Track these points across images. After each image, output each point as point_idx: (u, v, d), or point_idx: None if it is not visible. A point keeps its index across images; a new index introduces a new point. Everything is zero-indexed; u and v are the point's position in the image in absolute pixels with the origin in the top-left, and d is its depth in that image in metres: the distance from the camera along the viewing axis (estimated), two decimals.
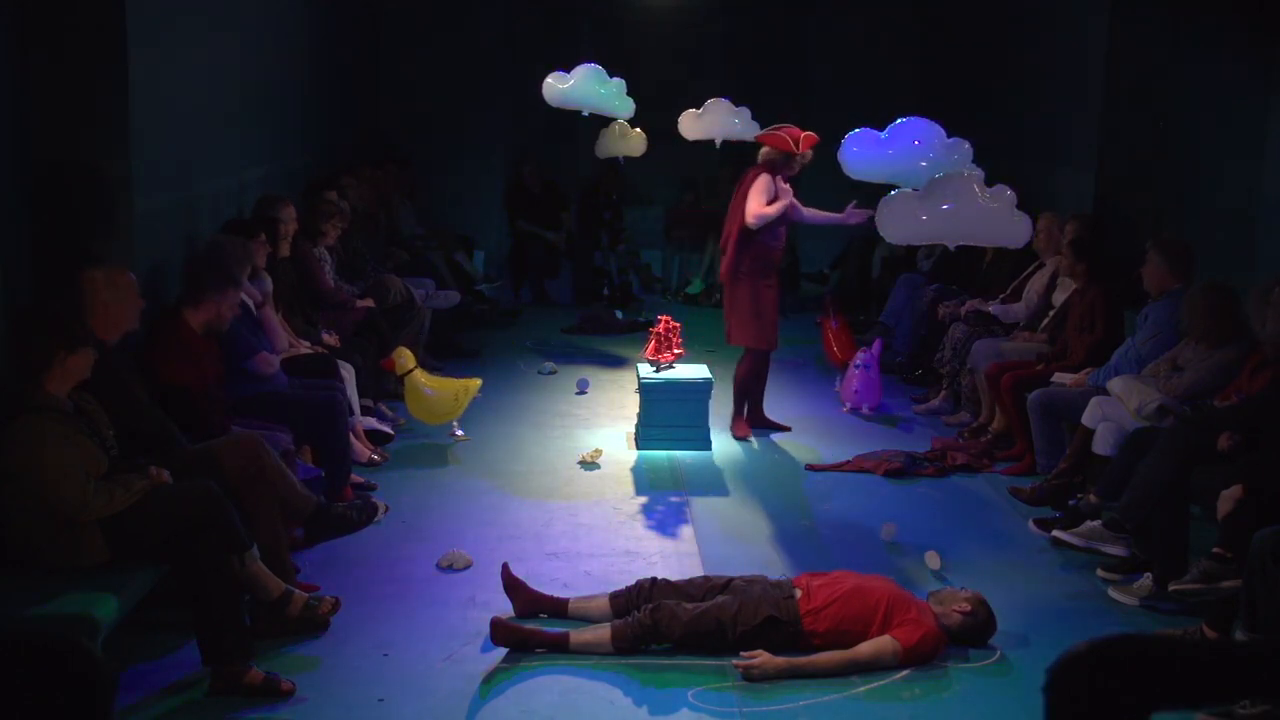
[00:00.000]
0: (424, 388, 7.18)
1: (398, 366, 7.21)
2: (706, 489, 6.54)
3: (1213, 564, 4.66)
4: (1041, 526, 5.87)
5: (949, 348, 8.03)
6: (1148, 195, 7.65)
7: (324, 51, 9.79)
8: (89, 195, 5.26)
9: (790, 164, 7.12)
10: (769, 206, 7.01)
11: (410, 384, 7.18)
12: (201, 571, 4.21)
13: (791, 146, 7.03)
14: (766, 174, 7.07)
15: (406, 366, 7.19)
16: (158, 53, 5.88)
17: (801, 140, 7.08)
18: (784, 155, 7.07)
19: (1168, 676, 1.55)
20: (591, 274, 11.88)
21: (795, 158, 7.08)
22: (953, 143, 5.79)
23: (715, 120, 9.31)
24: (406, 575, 5.27)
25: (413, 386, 7.18)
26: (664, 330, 7.34)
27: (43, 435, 4.12)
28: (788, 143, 7.04)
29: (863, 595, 4.62)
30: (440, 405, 7.19)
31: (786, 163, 7.10)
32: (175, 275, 5.94)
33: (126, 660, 4.35)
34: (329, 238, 7.78)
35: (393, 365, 7.24)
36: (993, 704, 4.33)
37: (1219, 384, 5.62)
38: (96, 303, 4.68)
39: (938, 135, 5.82)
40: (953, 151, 5.75)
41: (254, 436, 5.02)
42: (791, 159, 7.09)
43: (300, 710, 4.15)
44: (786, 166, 7.12)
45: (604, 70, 8.60)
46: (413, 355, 7.33)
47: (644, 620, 4.52)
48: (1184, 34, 7.33)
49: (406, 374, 7.17)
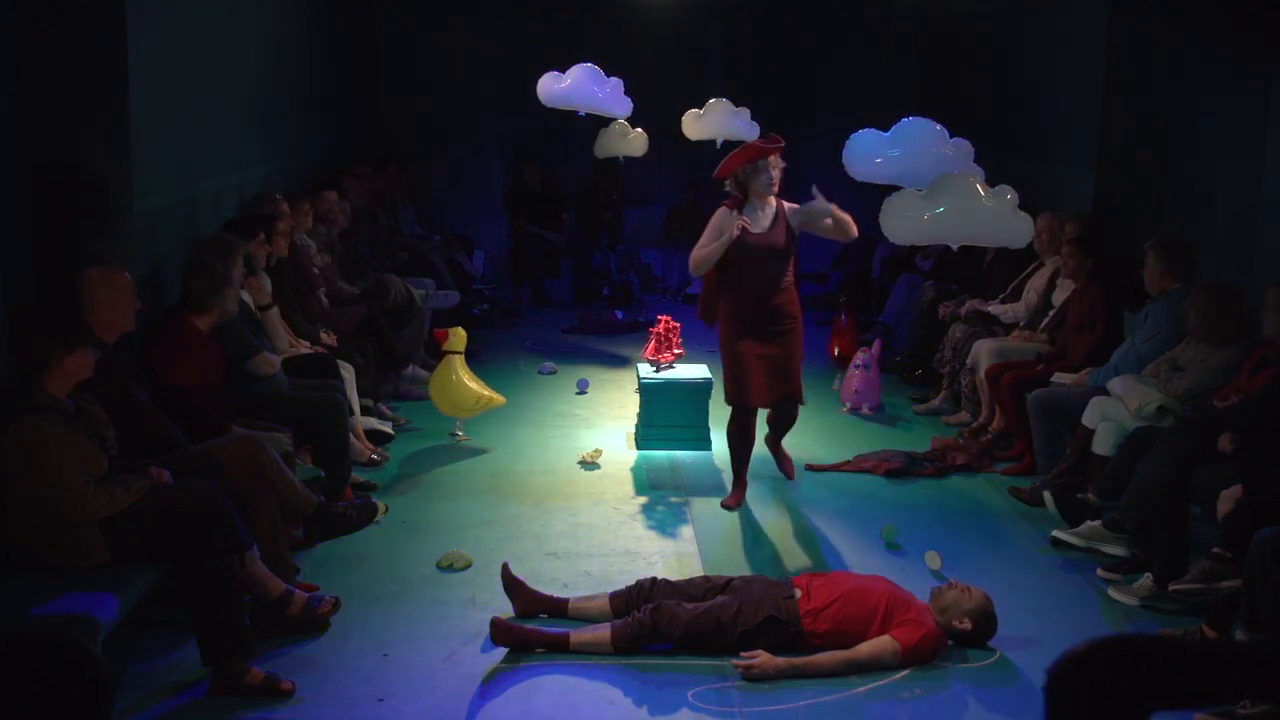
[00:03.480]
0: (456, 374, 7.18)
1: (448, 342, 7.23)
2: (706, 489, 6.54)
3: (1213, 564, 4.66)
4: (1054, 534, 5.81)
5: (949, 348, 8.04)
6: (1148, 195, 7.64)
7: (324, 51, 9.79)
8: (89, 195, 5.26)
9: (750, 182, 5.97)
10: (704, 249, 5.98)
11: (445, 365, 7.20)
12: (202, 571, 4.20)
13: (729, 169, 5.99)
14: (723, 208, 6.07)
15: (455, 346, 7.22)
16: (158, 53, 5.88)
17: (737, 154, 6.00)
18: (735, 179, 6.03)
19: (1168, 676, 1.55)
20: (591, 274, 11.88)
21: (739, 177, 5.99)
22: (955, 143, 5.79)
23: (716, 120, 9.33)
24: (406, 575, 5.27)
25: (446, 369, 7.19)
26: (664, 330, 7.34)
27: (43, 435, 4.12)
28: (727, 166, 6.01)
29: (863, 595, 4.62)
30: (460, 399, 7.19)
31: (742, 186, 6.01)
32: (175, 275, 5.94)
33: (126, 660, 4.35)
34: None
35: (445, 337, 7.26)
36: (993, 704, 4.33)
37: (1219, 384, 5.62)
38: (92, 303, 4.68)
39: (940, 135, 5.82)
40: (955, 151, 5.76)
41: (254, 437, 5.03)
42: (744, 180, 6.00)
43: (300, 710, 4.15)
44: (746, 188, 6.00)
45: (600, 70, 8.59)
46: (466, 339, 7.34)
47: (644, 620, 4.53)
48: (1184, 34, 7.32)
49: (451, 353, 7.18)
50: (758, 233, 5.97)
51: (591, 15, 12.70)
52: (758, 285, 6.03)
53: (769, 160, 5.98)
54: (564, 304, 11.64)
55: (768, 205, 6.04)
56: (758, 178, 5.97)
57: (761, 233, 5.98)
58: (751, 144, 6.13)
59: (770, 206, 6.04)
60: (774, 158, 6.00)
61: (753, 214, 5.99)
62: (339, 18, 10.41)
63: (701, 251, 6.00)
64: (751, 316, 6.05)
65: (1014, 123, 9.74)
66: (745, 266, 6.00)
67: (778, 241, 6.01)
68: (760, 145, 6.03)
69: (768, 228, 6.01)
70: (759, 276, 6.02)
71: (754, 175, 5.97)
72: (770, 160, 5.98)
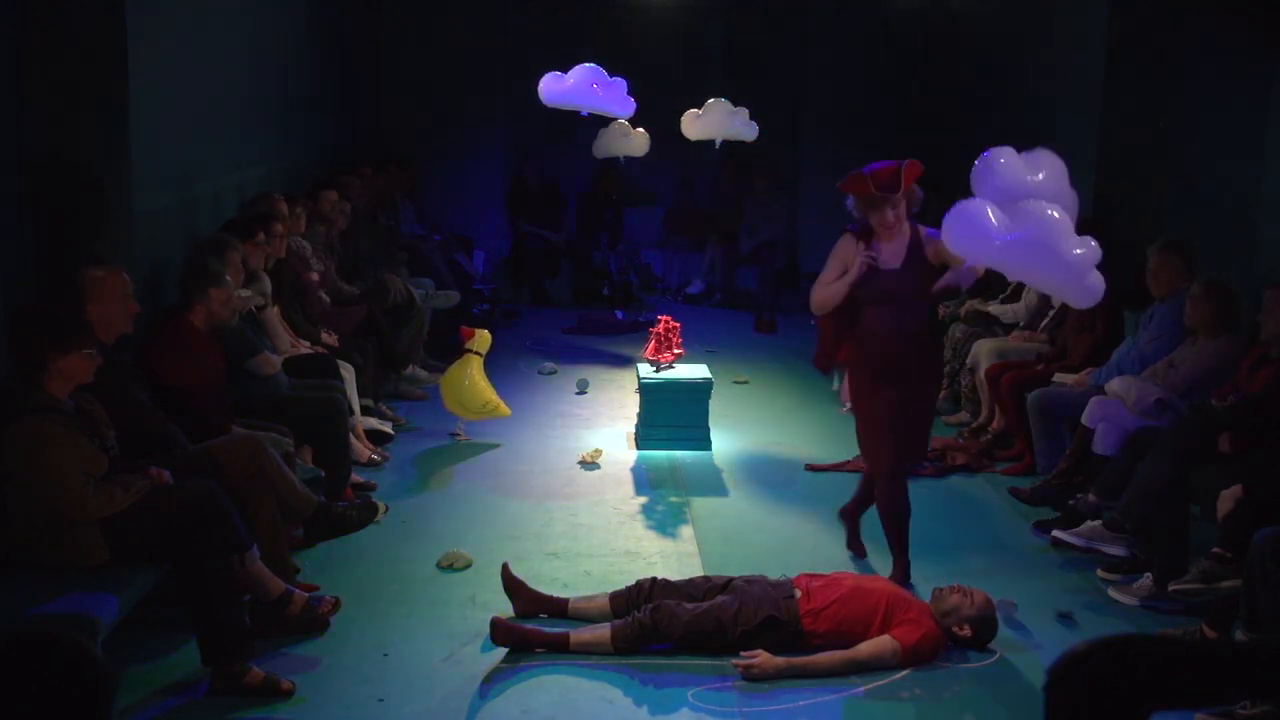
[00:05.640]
0: (471, 376, 7.22)
1: (472, 341, 7.27)
2: (706, 489, 6.54)
3: (1213, 564, 4.66)
4: (1041, 528, 5.86)
5: (949, 348, 8.03)
6: (1148, 195, 7.64)
7: (325, 51, 9.79)
8: (89, 195, 5.26)
9: (877, 209, 5.01)
10: (826, 287, 5.12)
11: (463, 362, 7.23)
12: (202, 571, 4.21)
13: (868, 187, 4.98)
14: (847, 235, 5.15)
15: (477, 347, 7.26)
16: (158, 52, 5.88)
17: (856, 177, 5.02)
18: (864, 200, 5.05)
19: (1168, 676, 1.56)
20: (591, 274, 11.89)
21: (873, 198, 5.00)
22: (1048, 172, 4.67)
23: (715, 120, 9.33)
24: (406, 575, 5.27)
25: (462, 368, 7.23)
26: (664, 330, 7.34)
27: (43, 436, 4.12)
28: (864, 182, 4.99)
29: (863, 595, 4.62)
30: (469, 400, 7.21)
31: (873, 208, 5.03)
32: (175, 276, 5.94)
33: (126, 660, 4.35)
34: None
35: (471, 335, 7.31)
36: (993, 704, 4.34)
37: (1214, 377, 5.62)
38: (90, 303, 4.67)
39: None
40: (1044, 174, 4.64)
41: (254, 437, 5.03)
42: (862, 209, 5.08)
43: (300, 710, 4.15)
44: (873, 212, 5.04)
45: (604, 70, 8.59)
46: (490, 344, 7.38)
47: (644, 620, 4.53)
48: (1184, 34, 7.32)
49: (471, 353, 7.22)
50: (888, 269, 5.00)
51: (591, 15, 12.70)
52: (888, 329, 5.06)
53: (888, 197, 4.96)
54: (564, 304, 11.64)
55: (899, 235, 5.06)
56: (873, 213, 5.03)
57: (893, 269, 5.01)
58: (878, 172, 4.96)
59: (904, 235, 5.05)
60: (896, 195, 4.96)
61: (880, 246, 5.04)
62: (339, 18, 10.41)
63: (823, 291, 5.10)
64: (881, 365, 5.07)
65: (1013, 123, 9.74)
66: (873, 307, 5.07)
67: (912, 277, 4.99)
68: (872, 175, 4.96)
69: (901, 262, 5.01)
70: (890, 318, 5.05)
71: (869, 209, 5.04)
72: (890, 198, 4.96)
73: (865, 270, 4.96)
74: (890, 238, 5.03)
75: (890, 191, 4.95)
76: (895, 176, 4.93)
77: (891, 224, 5.00)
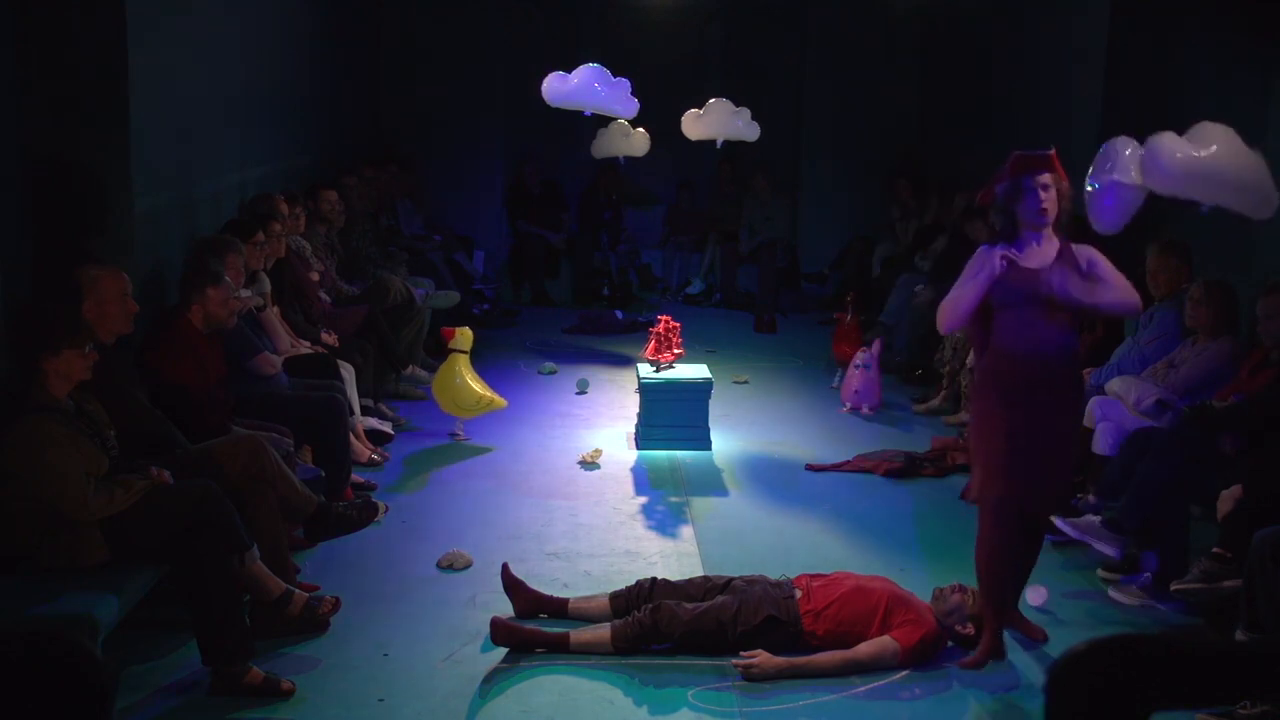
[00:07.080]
0: (460, 375, 7.21)
1: (454, 340, 7.27)
2: (706, 489, 6.54)
3: (1213, 564, 4.66)
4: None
5: (949, 348, 8.04)
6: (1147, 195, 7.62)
7: (325, 51, 9.79)
8: (88, 195, 5.26)
9: (1015, 207, 4.47)
10: (957, 290, 4.53)
11: (450, 363, 7.24)
12: (202, 571, 4.21)
13: (990, 195, 4.58)
14: (982, 248, 4.58)
15: (460, 345, 7.26)
16: (158, 53, 5.88)
17: (1010, 165, 4.49)
18: (996, 207, 4.57)
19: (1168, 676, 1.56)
20: (591, 274, 11.89)
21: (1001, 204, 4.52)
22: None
23: (716, 120, 9.33)
24: (406, 575, 5.27)
25: (450, 367, 7.23)
26: (664, 330, 7.34)
27: (43, 436, 4.12)
28: (988, 191, 4.60)
29: (863, 595, 4.62)
30: (462, 399, 7.21)
31: (1009, 215, 4.50)
32: (175, 275, 5.94)
33: (126, 660, 4.35)
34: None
35: (451, 334, 7.31)
36: (993, 704, 4.33)
37: (1214, 377, 5.62)
38: (89, 303, 4.67)
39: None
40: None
41: (254, 436, 5.03)
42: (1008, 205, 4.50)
43: (300, 710, 4.15)
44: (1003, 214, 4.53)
45: (608, 71, 8.58)
46: (472, 340, 7.39)
47: (644, 620, 4.53)
48: (1184, 35, 7.32)
49: (456, 351, 7.22)
50: (1029, 268, 4.42)
51: (592, 15, 12.70)
52: (1024, 341, 4.45)
53: (1038, 179, 4.44)
54: (564, 304, 11.64)
55: (1046, 239, 4.49)
56: (1022, 200, 4.45)
57: (1034, 269, 4.43)
58: (1016, 155, 4.49)
59: (1051, 241, 4.49)
60: (1048, 176, 4.44)
61: (1024, 247, 4.49)
62: (339, 18, 10.41)
63: (954, 295, 4.51)
64: (1010, 383, 4.47)
65: (1013, 123, 9.74)
66: (1008, 314, 4.48)
67: (1054, 285, 4.39)
68: (1022, 156, 4.48)
69: (1044, 263, 4.44)
70: (1025, 328, 4.44)
71: (1017, 197, 4.46)
72: (1041, 180, 4.44)
73: (1005, 267, 4.38)
74: (1039, 229, 4.46)
75: (1046, 167, 4.45)
76: (1050, 158, 4.49)
77: (1047, 208, 4.42)
